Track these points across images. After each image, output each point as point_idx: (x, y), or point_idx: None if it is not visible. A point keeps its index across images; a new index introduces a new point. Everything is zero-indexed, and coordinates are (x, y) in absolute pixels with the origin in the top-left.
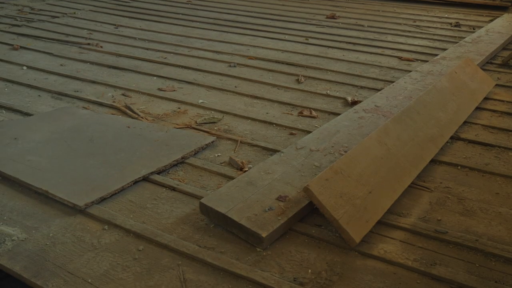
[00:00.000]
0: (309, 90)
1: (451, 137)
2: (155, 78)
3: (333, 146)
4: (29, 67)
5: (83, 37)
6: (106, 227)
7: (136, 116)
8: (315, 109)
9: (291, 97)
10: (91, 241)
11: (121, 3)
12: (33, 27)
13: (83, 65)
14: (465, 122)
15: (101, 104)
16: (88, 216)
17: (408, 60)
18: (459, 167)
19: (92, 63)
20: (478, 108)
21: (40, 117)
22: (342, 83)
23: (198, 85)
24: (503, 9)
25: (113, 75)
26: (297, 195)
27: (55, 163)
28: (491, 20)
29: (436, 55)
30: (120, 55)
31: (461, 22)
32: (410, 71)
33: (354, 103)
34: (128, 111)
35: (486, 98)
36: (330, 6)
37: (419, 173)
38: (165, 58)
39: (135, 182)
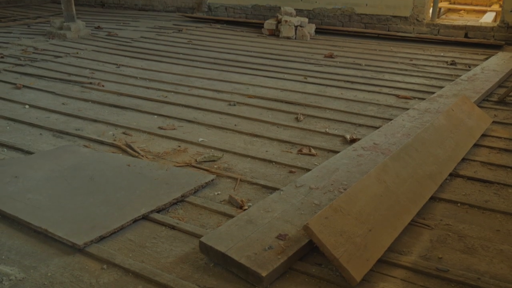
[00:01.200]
0: (308, 128)
1: (450, 174)
2: (155, 116)
3: (332, 184)
4: (31, 106)
5: (85, 76)
6: (105, 266)
7: (137, 154)
8: (314, 147)
9: (290, 135)
10: (90, 280)
11: (123, 43)
12: (36, 66)
13: (85, 104)
14: (463, 159)
15: (102, 143)
16: (87, 255)
17: (406, 98)
18: (459, 204)
19: (93, 101)
20: (476, 145)
21: (41, 155)
22: (341, 121)
23: (198, 123)
24: (497, 47)
25: (114, 114)
26: (297, 233)
27: (55, 202)
28: (486, 59)
29: (433, 93)
30: (122, 94)
31: (456, 60)
32: (408, 109)
33: (353, 141)
34: (128, 150)
35: (483, 135)
36: (328, 46)
37: (419, 211)
38: (166, 97)
39: (135, 220)
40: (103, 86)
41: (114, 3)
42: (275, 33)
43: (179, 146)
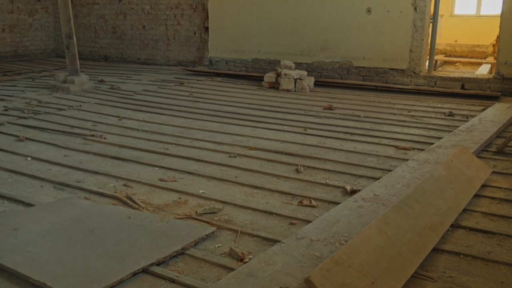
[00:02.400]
0: (309, 180)
1: (452, 225)
2: (156, 168)
3: (333, 236)
4: (33, 158)
5: (87, 129)
6: None
7: (137, 206)
8: (314, 199)
9: (290, 187)
10: None
11: (125, 96)
12: (39, 119)
13: (87, 156)
14: (464, 210)
15: (102, 195)
16: None
17: (405, 149)
18: (461, 256)
19: (95, 154)
20: (476, 196)
21: (41, 208)
22: (341, 172)
23: (199, 175)
24: (494, 98)
25: (116, 166)
26: (298, 286)
27: (55, 255)
28: (483, 109)
29: (432, 143)
30: (123, 146)
31: (454, 111)
32: (407, 160)
33: (353, 192)
34: (129, 202)
35: (484, 186)
36: (327, 98)
37: (422, 262)
38: (167, 149)
39: (134, 274)
40: (105, 138)
41: (117, 57)
42: (275, 86)
43: (180, 198)
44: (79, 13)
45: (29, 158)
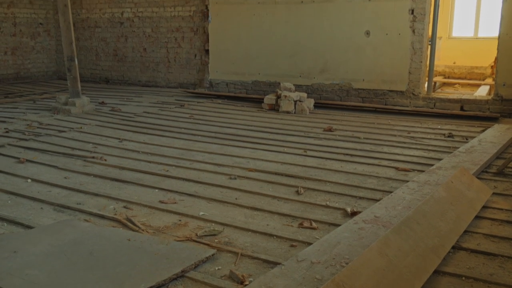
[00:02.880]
0: (309, 202)
1: (453, 247)
2: (156, 190)
3: (334, 258)
4: (33, 180)
5: (88, 151)
6: None
7: (137, 228)
8: (315, 221)
9: (291, 209)
10: None
11: (126, 118)
12: (40, 141)
13: (87, 178)
14: (465, 231)
15: (102, 217)
16: None
17: (405, 170)
18: (463, 278)
19: (95, 176)
20: (477, 217)
21: (41, 230)
22: (341, 194)
23: (199, 197)
24: (493, 119)
25: (116, 188)
26: None
27: (53, 278)
28: (483, 131)
29: (432, 165)
30: (123, 168)
31: (454, 133)
32: (407, 181)
33: (354, 214)
34: (129, 224)
35: (484, 207)
36: (326, 120)
37: (423, 285)
38: (167, 171)
39: None
40: (105, 160)
41: (118, 80)
42: (275, 108)
43: (180, 220)
44: (81, 36)
45: (29, 180)
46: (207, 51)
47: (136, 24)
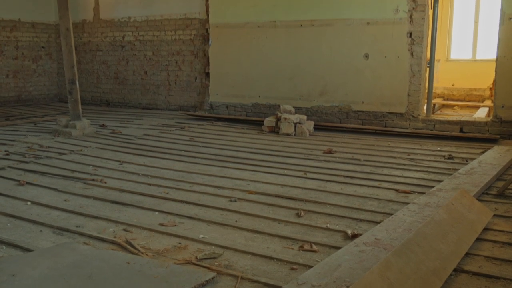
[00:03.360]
0: (309, 224)
1: (454, 270)
2: (156, 213)
3: (335, 281)
4: (33, 203)
5: (88, 173)
6: None
7: (137, 251)
8: (315, 243)
9: (291, 231)
10: None
11: (126, 140)
12: (40, 163)
13: (87, 201)
14: (467, 254)
15: (102, 240)
16: None
17: (405, 192)
18: None
19: (95, 198)
20: (478, 239)
21: (40, 253)
22: (342, 216)
23: (199, 220)
24: (493, 141)
25: (116, 210)
26: None
27: None
28: (483, 152)
29: (432, 187)
30: (124, 191)
31: (453, 154)
32: (408, 203)
33: (354, 236)
34: (128, 247)
35: (485, 229)
36: (326, 142)
37: None
38: (167, 193)
39: None
40: (105, 182)
41: (119, 102)
42: (275, 130)
43: (180, 243)
44: (82, 59)
45: (29, 203)
46: (207, 74)
47: (137, 47)
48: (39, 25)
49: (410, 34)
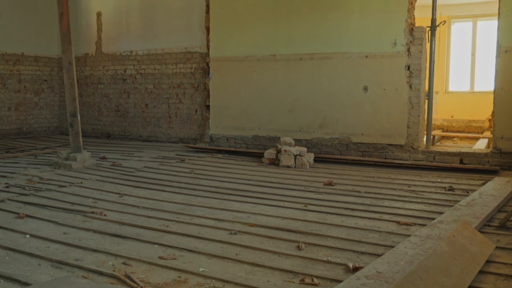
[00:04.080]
0: (310, 257)
1: None
2: (156, 246)
3: None
4: (32, 236)
5: (88, 206)
6: None
7: (136, 285)
8: (316, 277)
9: (292, 265)
10: None
11: (126, 173)
12: (40, 196)
13: (86, 234)
14: (470, 287)
15: (101, 273)
16: None
17: (406, 224)
18: None
19: (95, 231)
20: (481, 272)
21: (38, 287)
22: (343, 249)
23: (199, 253)
24: (493, 172)
25: (115, 243)
26: None
27: None
28: (483, 184)
29: (433, 219)
30: (123, 223)
31: (454, 186)
32: (409, 236)
33: (356, 269)
34: (127, 281)
35: (488, 261)
36: (327, 174)
37: None
38: (167, 226)
39: None
40: (105, 215)
41: (119, 135)
42: (275, 162)
43: (179, 277)
44: (84, 92)
45: (28, 236)
46: (208, 107)
47: (139, 80)
48: (42, 58)
49: (408, 67)
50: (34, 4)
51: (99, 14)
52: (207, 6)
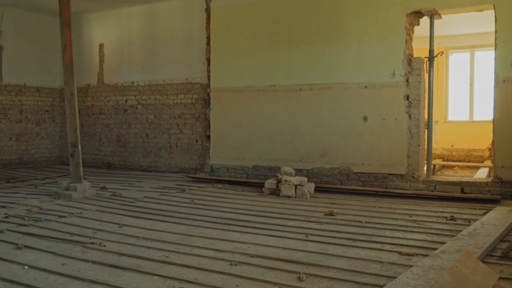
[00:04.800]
0: None
1: None
2: (155, 277)
3: None
4: (30, 267)
5: (87, 236)
6: None
7: None
8: None
9: None
10: None
11: (126, 203)
12: (39, 226)
13: (85, 265)
14: None
15: None
16: None
17: (408, 254)
18: None
19: (94, 262)
20: None
21: None
22: (344, 280)
23: (199, 284)
24: (494, 202)
25: (114, 275)
26: None
27: None
28: (485, 213)
29: (435, 249)
30: (123, 254)
31: (455, 215)
32: (411, 266)
33: None
34: None
35: None
36: (327, 204)
37: None
38: (167, 257)
39: None
40: (104, 246)
41: (120, 165)
42: (275, 192)
43: None
44: (85, 122)
45: (26, 267)
46: (208, 137)
47: (140, 110)
48: (44, 89)
49: (407, 97)
50: (37, 36)
51: (101, 46)
52: (208, 38)
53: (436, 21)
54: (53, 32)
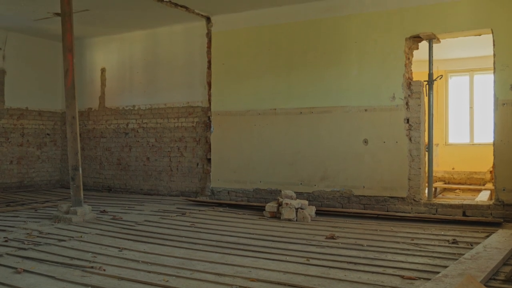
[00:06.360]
0: None
1: None
2: None
3: None
4: None
5: (87, 260)
6: None
7: None
8: None
9: None
10: None
11: (127, 226)
12: (39, 250)
13: None
14: None
15: None
16: None
17: (411, 278)
18: None
19: (93, 286)
20: None
21: None
22: None
23: None
24: (497, 225)
25: None
26: None
27: None
28: (487, 236)
29: (438, 272)
30: (122, 278)
31: (458, 239)
32: None
33: None
34: None
35: None
36: (328, 227)
37: None
38: (167, 281)
39: None
40: (104, 270)
41: (120, 188)
42: (276, 215)
43: None
44: (86, 145)
45: None
46: (209, 160)
47: (141, 134)
48: (46, 113)
49: (408, 120)
50: (40, 60)
51: (103, 70)
52: (209, 62)
53: (435, 45)
54: (55, 56)
